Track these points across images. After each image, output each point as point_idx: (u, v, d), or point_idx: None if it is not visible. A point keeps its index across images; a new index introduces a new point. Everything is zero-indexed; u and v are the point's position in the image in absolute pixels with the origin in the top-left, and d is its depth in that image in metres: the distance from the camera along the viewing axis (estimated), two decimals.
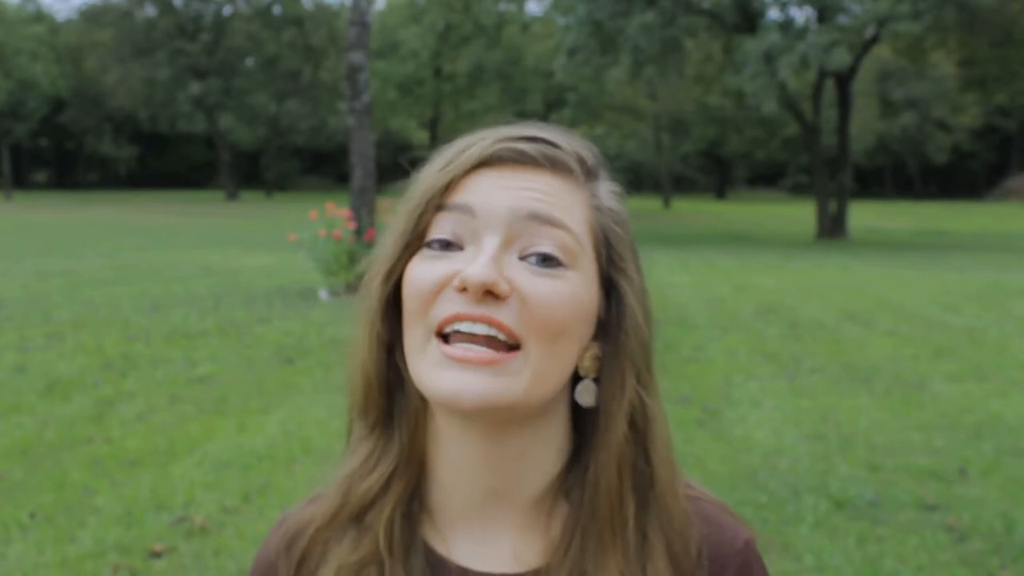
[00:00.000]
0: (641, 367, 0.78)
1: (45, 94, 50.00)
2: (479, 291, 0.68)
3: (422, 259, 0.73)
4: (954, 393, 6.31)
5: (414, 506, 0.79)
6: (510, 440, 0.75)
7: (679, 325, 8.93)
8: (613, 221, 0.77)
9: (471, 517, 0.78)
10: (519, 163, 0.74)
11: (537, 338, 0.70)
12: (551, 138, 0.76)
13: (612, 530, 0.75)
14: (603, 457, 0.75)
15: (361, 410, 0.79)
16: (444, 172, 0.74)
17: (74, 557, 3.51)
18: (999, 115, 51.22)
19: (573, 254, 0.73)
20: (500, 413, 0.71)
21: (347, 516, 0.78)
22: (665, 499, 0.77)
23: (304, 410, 5.64)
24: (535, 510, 0.78)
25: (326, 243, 10.71)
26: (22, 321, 8.93)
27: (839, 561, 3.50)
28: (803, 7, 26.23)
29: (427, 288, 0.71)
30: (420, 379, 0.72)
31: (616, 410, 0.76)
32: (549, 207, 0.73)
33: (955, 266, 16.40)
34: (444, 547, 0.78)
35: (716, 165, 60.61)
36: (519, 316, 0.70)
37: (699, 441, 5.06)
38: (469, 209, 0.72)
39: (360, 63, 11.47)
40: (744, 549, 0.80)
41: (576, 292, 0.72)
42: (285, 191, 56.90)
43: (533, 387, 0.71)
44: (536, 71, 45.04)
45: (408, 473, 0.78)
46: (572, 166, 0.76)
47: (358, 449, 0.79)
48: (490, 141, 0.75)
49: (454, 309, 0.70)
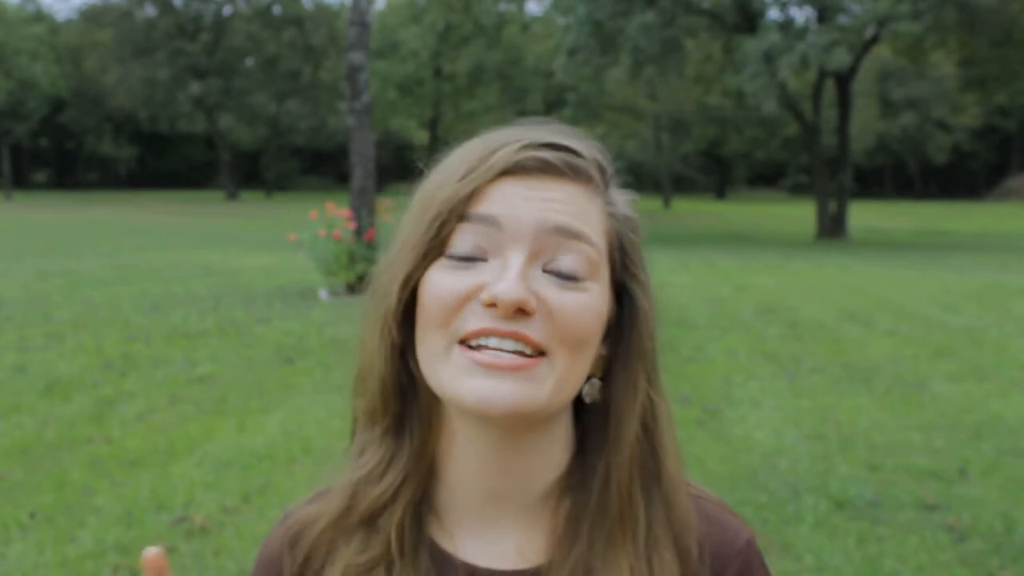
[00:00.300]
0: (651, 367, 0.79)
1: (45, 94, 50.02)
2: (510, 309, 0.69)
3: (444, 269, 0.73)
4: (954, 393, 6.31)
5: (422, 506, 0.79)
6: (525, 440, 0.76)
7: (679, 325, 8.94)
8: (628, 228, 0.78)
9: (477, 514, 0.79)
10: (542, 172, 0.74)
11: (562, 348, 0.71)
12: (573, 145, 0.76)
13: (622, 528, 0.76)
14: (615, 458, 0.77)
15: (374, 414, 0.79)
16: (467, 181, 0.74)
17: (74, 557, 3.51)
18: (999, 115, 51.23)
19: (595, 266, 0.74)
20: (526, 418, 0.72)
21: (356, 519, 0.79)
22: (672, 495, 0.79)
23: (304, 410, 5.64)
24: (540, 506, 0.79)
25: (326, 243, 10.71)
26: (22, 321, 8.93)
27: (839, 561, 3.50)
28: (803, 7, 26.24)
29: (452, 300, 0.71)
30: (443, 385, 0.72)
31: (629, 412, 0.77)
32: (573, 219, 0.73)
33: (955, 266, 16.40)
34: (450, 544, 0.79)
35: (716, 165, 60.62)
36: (545, 328, 0.71)
37: (699, 441, 5.06)
38: (495, 221, 0.72)
39: (360, 63, 11.47)
40: (746, 548, 0.81)
41: (597, 303, 0.74)
42: (285, 191, 56.91)
43: (556, 393, 0.72)
44: (536, 71, 45.06)
45: (419, 477, 0.78)
46: (592, 174, 0.76)
47: (366, 452, 0.79)
48: (513, 148, 0.74)
49: (483, 324, 0.70)
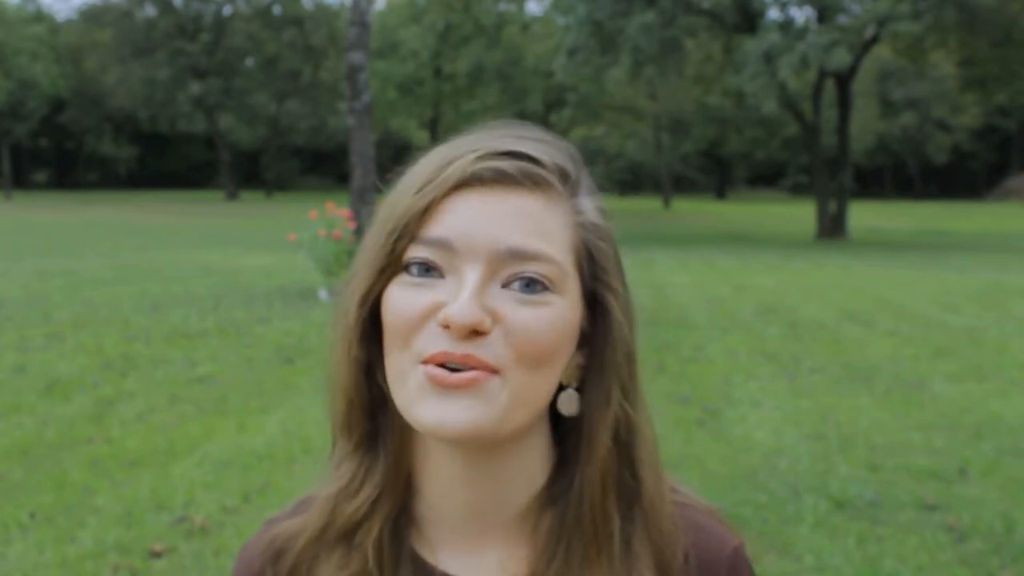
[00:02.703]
0: (626, 379, 0.76)
1: (45, 94, 50.01)
2: (463, 332, 0.68)
3: (402, 286, 0.72)
4: (954, 393, 6.31)
5: (402, 519, 0.78)
6: (495, 458, 0.75)
7: (679, 325, 8.94)
8: (597, 236, 0.75)
9: (458, 529, 0.78)
10: (498, 183, 0.72)
11: (518, 365, 0.69)
12: (533, 152, 0.73)
13: (597, 545, 0.75)
14: (588, 472, 0.75)
15: (344, 430, 0.78)
16: (422, 195, 0.72)
17: (74, 557, 3.51)
18: (999, 115, 51.22)
19: (557, 280, 0.71)
20: (485, 438, 0.70)
21: (334, 535, 0.78)
22: (652, 511, 0.77)
23: (304, 410, 5.64)
24: (521, 521, 0.77)
25: (326, 243, 10.71)
26: (22, 321, 8.93)
27: (839, 561, 3.50)
28: (803, 7, 26.23)
29: (411, 319, 0.70)
30: (403, 408, 0.71)
31: (600, 425, 0.75)
32: (529, 236, 0.70)
33: (955, 266, 16.40)
34: (432, 557, 0.78)
35: (716, 165, 60.60)
36: (501, 346, 0.69)
37: (699, 441, 5.06)
38: (447, 244, 0.70)
39: (360, 63, 11.47)
40: (732, 555, 0.80)
41: (561, 317, 0.71)
42: (285, 191, 56.91)
43: (513, 411, 0.70)
44: (536, 71, 45.04)
45: (395, 492, 0.77)
46: (554, 183, 0.74)
47: (342, 467, 0.78)
48: (469, 160, 0.72)
49: (440, 347, 0.68)
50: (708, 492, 4.30)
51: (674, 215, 38.69)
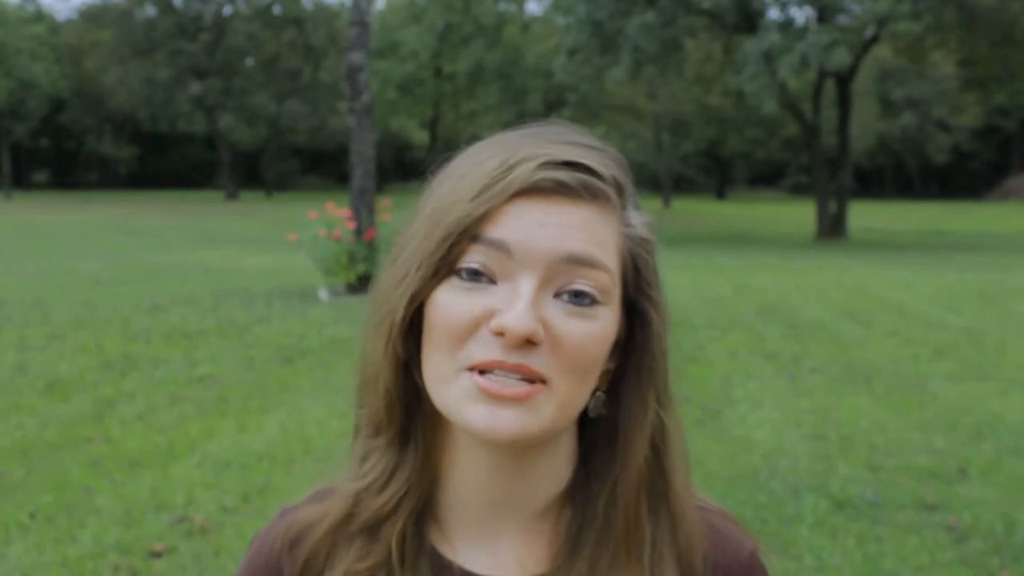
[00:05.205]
0: (661, 387, 0.78)
1: (45, 94, 50.00)
2: (518, 341, 0.68)
3: (453, 290, 0.72)
4: (954, 393, 6.31)
5: (423, 513, 0.79)
6: (528, 456, 0.76)
7: (679, 325, 8.75)
8: (644, 249, 0.77)
9: (478, 524, 0.78)
10: (559, 194, 0.72)
11: (565, 376, 0.71)
12: (593, 164, 0.74)
13: (627, 547, 0.76)
14: (623, 477, 0.76)
15: (379, 425, 0.78)
16: (480, 201, 0.71)
17: (74, 557, 3.51)
18: (999, 115, 51.21)
19: (607, 292, 0.72)
20: (530, 441, 0.72)
21: (357, 527, 0.79)
22: (679, 512, 0.78)
23: (304, 410, 5.64)
24: (541, 518, 0.79)
25: (326, 243, 10.72)
26: (22, 321, 8.93)
27: (839, 561, 3.50)
28: (803, 7, 26.21)
29: (462, 325, 0.71)
30: (448, 408, 0.72)
31: (638, 432, 0.76)
32: (587, 245, 0.71)
33: (955, 266, 16.39)
34: (450, 551, 0.79)
35: (716, 165, 60.61)
36: (549, 357, 0.70)
37: (699, 441, 5.06)
38: (505, 247, 0.70)
39: (360, 63, 11.47)
40: (749, 559, 0.81)
41: (606, 330, 0.73)
42: (285, 191, 56.88)
43: (558, 417, 0.72)
44: (536, 71, 45.00)
45: (421, 487, 0.78)
46: (611, 195, 0.74)
47: (369, 459, 0.79)
48: (531, 167, 0.72)
49: (490, 355, 0.69)
50: (708, 492, 4.25)
51: (674, 215, 38.69)
